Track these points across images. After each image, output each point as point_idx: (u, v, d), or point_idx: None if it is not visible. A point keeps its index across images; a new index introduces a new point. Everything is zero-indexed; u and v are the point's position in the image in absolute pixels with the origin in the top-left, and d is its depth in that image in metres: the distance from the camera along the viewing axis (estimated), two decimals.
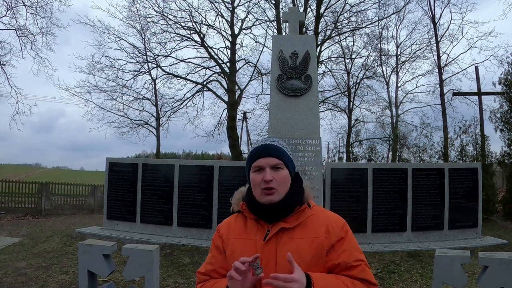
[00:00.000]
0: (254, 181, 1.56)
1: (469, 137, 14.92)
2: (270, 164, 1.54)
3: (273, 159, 1.55)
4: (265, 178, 1.51)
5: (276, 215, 1.53)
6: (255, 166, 1.57)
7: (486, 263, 2.67)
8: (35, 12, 16.32)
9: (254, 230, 1.57)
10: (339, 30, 19.91)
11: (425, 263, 6.69)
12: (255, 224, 1.58)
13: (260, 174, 1.54)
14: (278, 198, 1.52)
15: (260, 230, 1.55)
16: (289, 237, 1.50)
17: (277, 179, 1.53)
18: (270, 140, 1.62)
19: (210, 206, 8.31)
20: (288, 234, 1.51)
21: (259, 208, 1.55)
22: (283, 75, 8.22)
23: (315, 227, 1.54)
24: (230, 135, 19.11)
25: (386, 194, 8.23)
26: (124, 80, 19.62)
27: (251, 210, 1.59)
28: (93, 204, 17.54)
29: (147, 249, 3.02)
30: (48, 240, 8.37)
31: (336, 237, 1.52)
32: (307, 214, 1.57)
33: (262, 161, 1.55)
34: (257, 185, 1.55)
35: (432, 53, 20.49)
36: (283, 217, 1.53)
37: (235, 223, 1.66)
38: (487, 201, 11.07)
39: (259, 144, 1.62)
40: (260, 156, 1.56)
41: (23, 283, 5.71)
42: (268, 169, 1.53)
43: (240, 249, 1.53)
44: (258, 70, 20.37)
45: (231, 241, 1.60)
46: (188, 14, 18.85)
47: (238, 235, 1.59)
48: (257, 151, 1.59)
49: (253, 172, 1.58)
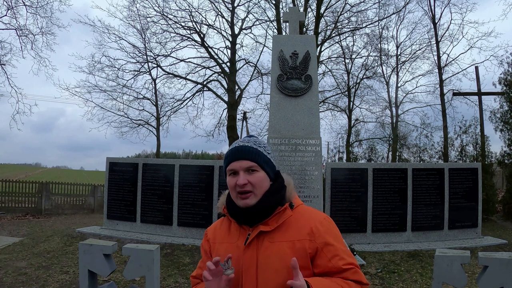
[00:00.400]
0: (229, 184, 1.52)
1: (469, 137, 14.92)
2: (244, 167, 1.49)
3: (246, 162, 1.49)
4: (238, 182, 1.47)
5: (255, 218, 1.48)
6: (229, 170, 1.53)
7: (486, 263, 2.68)
8: (35, 12, 16.31)
9: (237, 234, 1.53)
10: (339, 30, 19.90)
11: (425, 263, 6.70)
12: (238, 228, 1.54)
13: (234, 178, 1.50)
14: (254, 201, 1.47)
15: (242, 234, 1.51)
16: (270, 241, 1.45)
17: (251, 181, 1.47)
18: (246, 141, 1.57)
19: (210, 206, 8.32)
20: (268, 237, 1.46)
21: (237, 211, 1.52)
22: (283, 75, 8.22)
23: (297, 228, 1.47)
24: (230, 135, 19.10)
25: (386, 194, 8.24)
26: (124, 80, 19.62)
27: (231, 214, 1.55)
28: (93, 203, 17.54)
29: (148, 248, 3.03)
30: (49, 240, 8.37)
31: (321, 239, 1.45)
32: (287, 215, 1.50)
33: (235, 165, 1.50)
34: (232, 189, 1.50)
35: (432, 53, 20.50)
36: (263, 219, 1.48)
37: (220, 227, 1.64)
38: (487, 201, 11.08)
39: (233, 146, 1.56)
40: (234, 159, 1.51)
41: (24, 282, 5.72)
42: (241, 173, 1.48)
43: (223, 253, 1.48)
44: (258, 70, 20.37)
45: (216, 245, 1.58)
46: (188, 14, 18.85)
47: (222, 239, 1.57)
48: (230, 153, 1.54)
49: (228, 176, 1.54)
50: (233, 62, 19.32)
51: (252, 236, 1.46)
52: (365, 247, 7.64)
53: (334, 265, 1.43)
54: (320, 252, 1.44)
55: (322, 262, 1.44)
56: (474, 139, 14.58)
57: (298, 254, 1.40)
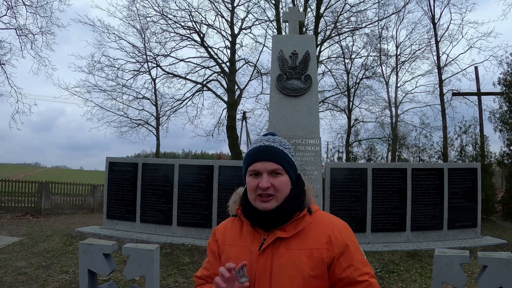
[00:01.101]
0: (250, 185, 1.43)
1: (469, 137, 14.93)
2: (268, 170, 1.41)
3: (271, 164, 1.41)
4: (261, 185, 1.39)
5: (272, 223, 1.41)
6: (250, 170, 1.44)
7: (485, 263, 2.68)
8: (35, 12, 16.30)
9: (250, 237, 1.46)
10: (338, 30, 19.90)
11: (424, 263, 6.71)
12: (251, 231, 1.46)
13: (256, 179, 1.41)
14: (274, 205, 1.40)
15: (257, 238, 1.44)
16: (286, 248, 1.39)
17: (275, 185, 1.40)
18: (271, 140, 1.48)
19: (210, 206, 8.32)
20: (285, 244, 1.39)
21: (254, 214, 1.44)
22: (283, 75, 8.22)
23: (315, 236, 1.40)
24: (229, 134, 19.10)
25: (385, 194, 8.25)
26: (124, 80, 19.60)
27: (246, 216, 1.48)
28: (93, 203, 17.54)
29: (147, 248, 3.03)
30: (48, 240, 8.37)
31: (339, 248, 1.39)
32: (306, 222, 1.43)
33: (259, 166, 1.41)
34: (252, 190, 1.42)
35: (431, 53, 20.52)
36: (281, 224, 1.41)
37: (231, 227, 1.55)
38: (486, 201, 11.10)
39: (258, 145, 1.47)
40: (258, 159, 1.42)
41: (23, 282, 5.72)
42: (265, 175, 1.40)
43: (234, 256, 1.42)
44: (258, 70, 20.37)
45: (226, 247, 1.50)
46: (188, 13, 18.85)
47: (233, 241, 1.49)
48: (254, 153, 1.45)
49: (249, 176, 1.45)
50: (233, 62, 19.32)
51: (268, 242, 1.39)
52: (364, 247, 7.64)
53: (348, 275, 1.37)
54: (336, 261, 1.38)
55: (337, 271, 1.38)
56: (474, 139, 14.60)
57: (315, 263, 1.36)
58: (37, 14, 16.38)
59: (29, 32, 16.56)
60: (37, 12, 16.30)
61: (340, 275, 1.38)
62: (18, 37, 16.37)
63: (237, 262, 1.36)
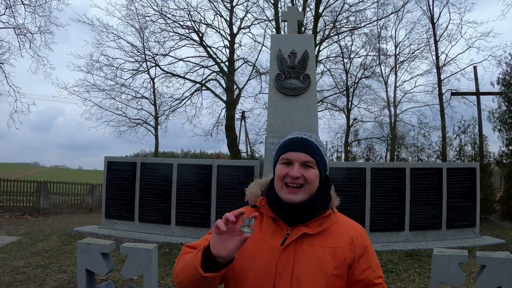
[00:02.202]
0: (279, 173, 1.42)
1: (467, 137, 14.96)
2: (301, 160, 1.41)
3: (305, 155, 1.41)
4: (291, 174, 1.38)
5: (298, 217, 1.40)
6: (284, 158, 1.43)
7: (484, 263, 2.68)
8: (33, 11, 16.31)
9: (270, 230, 1.42)
10: (337, 30, 19.93)
11: (423, 263, 6.71)
12: (272, 224, 1.43)
13: (287, 167, 1.41)
14: (301, 197, 1.39)
15: (278, 232, 1.41)
16: (310, 245, 1.37)
17: (306, 176, 1.39)
18: (308, 135, 1.48)
19: (209, 205, 8.31)
20: (309, 241, 1.37)
21: (280, 206, 1.41)
22: (282, 74, 8.22)
23: (338, 236, 1.41)
24: (228, 134, 19.11)
25: (384, 193, 8.24)
26: (123, 79, 19.60)
27: (271, 207, 1.44)
28: (92, 203, 17.52)
29: (146, 247, 3.03)
30: (47, 239, 8.36)
31: (360, 250, 1.41)
32: (332, 221, 1.44)
33: (293, 155, 1.41)
34: (280, 178, 1.41)
35: (430, 53, 20.57)
36: (305, 220, 1.40)
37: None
38: (485, 201, 11.09)
39: (294, 136, 1.47)
40: (293, 149, 1.42)
41: (22, 282, 5.71)
42: (297, 165, 1.40)
43: (252, 249, 1.37)
44: (256, 69, 20.37)
45: None
46: (186, 13, 18.85)
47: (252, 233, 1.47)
48: (290, 142, 1.45)
49: (280, 164, 1.44)
50: (232, 62, 19.33)
51: (294, 237, 1.37)
52: None
53: (367, 276, 1.39)
54: (356, 263, 1.40)
55: (356, 272, 1.39)
56: (473, 139, 14.63)
57: (338, 262, 1.36)
58: (35, 13, 16.40)
59: (27, 31, 16.58)
60: (35, 11, 16.33)
61: (358, 276, 1.39)
62: (17, 36, 16.39)
63: (254, 255, 1.37)
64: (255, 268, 1.35)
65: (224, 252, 1.23)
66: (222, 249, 1.23)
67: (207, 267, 1.25)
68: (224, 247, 1.23)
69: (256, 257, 1.36)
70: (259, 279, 1.34)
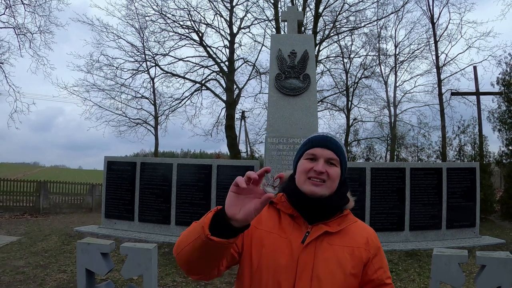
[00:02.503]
0: (302, 167, 1.43)
1: (467, 136, 14.97)
2: (326, 157, 1.42)
3: (331, 153, 1.43)
4: (316, 168, 1.39)
5: (318, 214, 1.41)
6: (309, 153, 1.44)
7: (484, 262, 2.68)
8: (33, 11, 16.32)
9: (289, 228, 1.41)
10: (337, 30, 19.94)
11: (423, 262, 6.71)
12: (291, 222, 1.43)
13: (311, 162, 1.42)
14: (323, 192, 1.39)
15: (297, 230, 1.41)
16: (329, 243, 1.38)
17: (329, 173, 1.40)
18: (332, 135, 1.51)
19: (208, 205, 8.31)
20: (328, 239, 1.39)
21: (302, 200, 1.41)
22: (282, 74, 8.22)
23: (354, 236, 1.44)
24: (228, 134, 19.11)
25: (384, 193, 8.24)
26: (123, 79, 19.61)
27: (292, 202, 1.45)
28: (91, 202, 17.52)
29: (145, 247, 3.02)
30: (46, 239, 8.36)
31: (374, 250, 1.44)
32: (350, 221, 1.47)
33: (318, 151, 1.43)
34: (304, 172, 1.42)
35: (430, 53, 20.60)
36: (325, 219, 1.42)
37: (267, 212, 1.47)
38: (485, 200, 11.10)
39: (320, 134, 1.50)
40: (318, 145, 1.44)
41: (21, 281, 5.71)
42: (322, 161, 1.41)
43: (271, 245, 1.37)
44: (256, 69, 20.38)
45: (261, 232, 1.42)
46: (186, 13, 18.86)
47: (271, 229, 1.42)
48: (316, 139, 1.47)
49: (304, 159, 1.45)
50: (232, 61, 19.34)
51: (315, 235, 1.38)
52: None
53: (379, 276, 1.43)
54: (369, 263, 1.43)
55: (369, 272, 1.42)
56: (472, 138, 14.64)
57: (355, 262, 1.39)
58: (35, 13, 16.41)
59: (27, 31, 16.60)
60: (35, 11, 16.34)
61: (371, 276, 1.42)
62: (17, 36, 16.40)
63: (275, 252, 1.36)
64: (276, 265, 1.34)
65: (241, 214, 1.12)
66: (239, 210, 1.12)
67: (216, 232, 1.13)
68: (241, 207, 1.12)
69: (277, 254, 1.35)
70: (279, 277, 1.33)
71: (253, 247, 1.39)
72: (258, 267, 1.36)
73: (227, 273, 6.17)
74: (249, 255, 1.39)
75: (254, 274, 1.37)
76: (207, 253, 1.18)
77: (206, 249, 1.16)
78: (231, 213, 1.12)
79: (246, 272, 1.39)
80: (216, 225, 1.14)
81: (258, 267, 1.36)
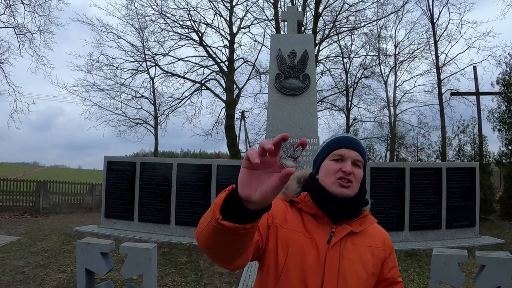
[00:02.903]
0: (330, 168, 1.43)
1: (467, 136, 14.97)
2: (353, 158, 1.43)
3: (357, 154, 1.44)
4: (345, 169, 1.39)
5: (342, 215, 1.41)
6: (336, 154, 1.44)
7: (484, 262, 2.68)
8: (33, 10, 16.31)
9: (312, 228, 1.40)
10: (337, 30, 19.95)
11: (422, 262, 6.71)
12: (313, 222, 1.42)
13: (338, 163, 1.42)
14: (351, 192, 1.40)
15: (320, 229, 1.40)
16: (353, 243, 1.40)
17: (355, 174, 1.41)
18: (354, 137, 1.52)
19: (208, 205, 8.25)
20: (351, 239, 1.40)
21: (328, 200, 1.40)
22: (281, 74, 8.22)
23: (374, 236, 1.47)
24: (228, 134, 19.10)
25: (383, 193, 8.24)
26: (122, 79, 19.61)
27: (318, 201, 1.42)
28: (91, 202, 17.52)
29: (145, 247, 3.02)
30: (46, 239, 8.35)
31: (389, 250, 1.48)
32: (370, 222, 1.47)
33: (345, 152, 1.43)
34: (332, 173, 1.41)
35: (430, 52, 20.60)
36: (347, 219, 1.42)
37: (290, 211, 1.45)
38: (485, 200, 11.10)
39: (344, 135, 1.50)
40: (346, 146, 1.44)
41: (21, 281, 5.70)
42: (349, 162, 1.41)
43: (298, 245, 1.35)
44: (256, 69, 20.38)
45: (287, 231, 1.38)
46: (186, 12, 18.87)
47: (296, 228, 1.40)
48: (342, 140, 1.47)
49: (330, 160, 1.45)
50: (231, 61, 19.34)
51: (341, 235, 1.38)
52: None
53: (393, 275, 1.47)
54: (385, 262, 1.46)
55: (384, 271, 1.46)
56: (472, 138, 14.63)
57: (375, 261, 1.42)
58: (35, 12, 16.41)
59: (27, 31, 16.59)
60: (35, 11, 16.33)
61: (386, 275, 1.46)
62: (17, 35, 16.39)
63: (301, 251, 1.35)
64: (303, 265, 1.33)
65: (257, 195, 0.93)
66: (254, 190, 0.93)
67: (230, 215, 0.96)
68: (257, 186, 0.93)
69: (305, 254, 1.34)
70: (306, 277, 1.32)
71: (279, 246, 1.36)
72: (285, 267, 1.34)
73: (227, 273, 6.18)
74: (275, 254, 1.36)
75: (281, 274, 1.34)
76: (224, 240, 1.02)
77: (220, 235, 0.99)
78: (245, 194, 0.93)
79: (272, 272, 1.36)
80: (229, 207, 0.97)
81: (285, 267, 1.34)
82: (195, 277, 6.05)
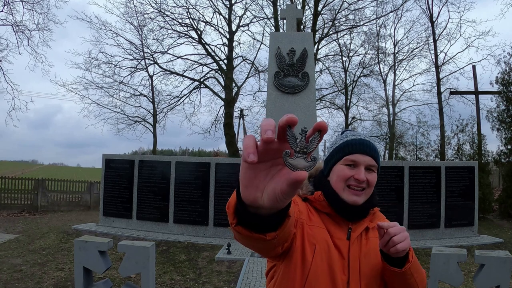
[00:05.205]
0: (342, 173, 1.40)
1: (466, 136, 15.00)
2: (367, 164, 1.40)
3: (371, 159, 1.41)
4: (359, 177, 1.37)
5: (357, 214, 1.43)
6: (349, 160, 1.40)
7: (482, 261, 2.67)
8: (31, 8, 16.27)
9: (330, 225, 1.41)
10: (336, 28, 19.93)
11: (421, 261, 6.71)
12: (329, 219, 1.42)
13: (352, 169, 1.40)
14: (363, 199, 1.40)
15: (338, 226, 1.41)
16: (366, 237, 1.43)
17: (369, 180, 1.39)
18: (368, 137, 1.48)
19: (207, 203, 8.29)
20: (365, 233, 1.44)
21: (341, 205, 1.40)
22: (280, 72, 8.20)
23: None
24: (227, 132, 19.09)
25: (382, 192, 8.24)
26: (121, 77, 19.58)
27: (332, 203, 1.41)
28: (90, 200, 17.49)
29: (143, 245, 3.01)
30: (44, 237, 8.34)
31: None
32: (379, 218, 1.50)
33: (359, 157, 1.40)
34: (343, 179, 1.40)
35: (429, 51, 20.60)
36: (363, 217, 1.45)
37: (311, 209, 1.45)
38: (484, 199, 11.11)
39: (357, 138, 1.45)
40: (359, 151, 1.41)
41: (19, 279, 5.69)
42: (362, 168, 1.39)
43: (323, 242, 1.35)
44: (255, 67, 20.37)
45: (313, 228, 1.38)
46: (185, 10, 18.84)
47: (319, 224, 1.40)
48: (356, 143, 1.42)
49: (343, 164, 1.42)
50: (230, 59, 19.32)
51: (359, 231, 1.41)
52: None
53: None
54: None
55: None
56: (471, 138, 14.64)
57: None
58: (34, 10, 16.37)
59: (25, 28, 16.55)
60: (34, 8, 16.29)
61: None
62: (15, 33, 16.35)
63: (326, 247, 1.34)
64: (331, 262, 1.33)
65: (264, 199, 0.73)
66: (260, 190, 0.73)
67: (246, 219, 0.84)
68: (265, 185, 0.72)
69: (331, 251, 1.35)
70: (333, 273, 1.33)
71: (306, 242, 1.34)
72: (313, 264, 1.32)
73: (225, 272, 6.17)
74: (301, 251, 1.33)
75: (309, 272, 1.32)
76: (250, 241, 0.94)
77: (244, 238, 0.91)
78: (250, 198, 0.74)
79: (299, 269, 1.33)
80: (244, 209, 0.81)
81: (313, 264, 1.32)
82: (193, 276, 6.04)
